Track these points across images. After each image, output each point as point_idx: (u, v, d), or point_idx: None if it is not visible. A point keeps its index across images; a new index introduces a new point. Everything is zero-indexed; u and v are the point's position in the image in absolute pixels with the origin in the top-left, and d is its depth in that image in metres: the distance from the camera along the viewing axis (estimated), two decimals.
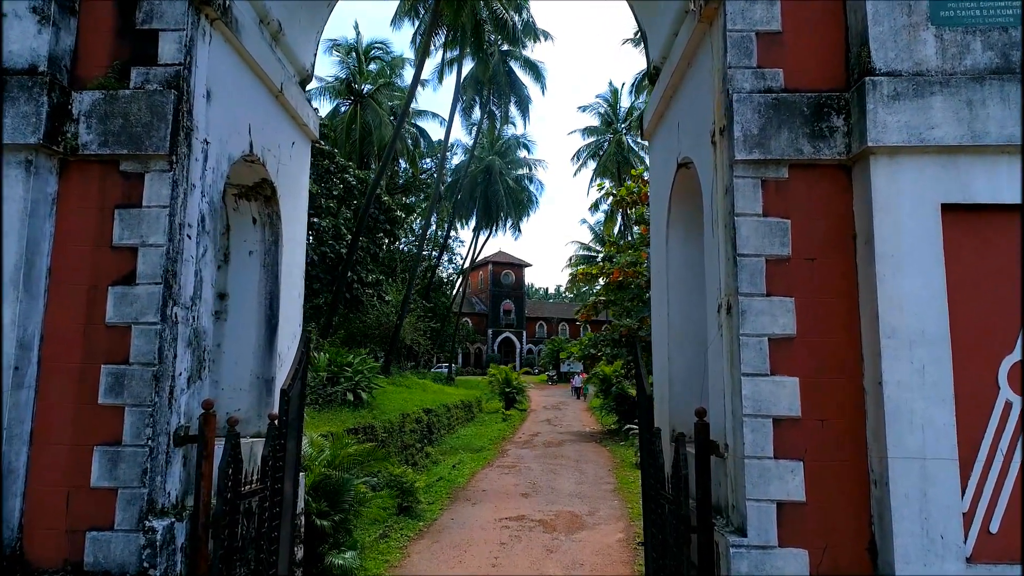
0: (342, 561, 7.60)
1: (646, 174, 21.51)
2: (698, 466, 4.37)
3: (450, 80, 46.93)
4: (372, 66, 41.59)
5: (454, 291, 50.84)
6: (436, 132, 58.51)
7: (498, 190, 50.74)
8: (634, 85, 46.33)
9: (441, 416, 22.74)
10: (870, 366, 4.14)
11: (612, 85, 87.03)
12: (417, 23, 33.16)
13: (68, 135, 4.46)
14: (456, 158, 53.40)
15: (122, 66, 4.59)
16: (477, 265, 63.74)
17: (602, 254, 32.03)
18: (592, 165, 51.79)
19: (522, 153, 56.52)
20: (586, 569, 9.00)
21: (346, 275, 26.11)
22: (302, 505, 6.60)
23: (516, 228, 54.96)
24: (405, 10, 32.39)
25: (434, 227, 48.06)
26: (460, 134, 78.06)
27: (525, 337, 72.65)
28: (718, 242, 4.62)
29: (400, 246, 41.65)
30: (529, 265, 74.50)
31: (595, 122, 52.89)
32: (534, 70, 41.92)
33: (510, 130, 53.79)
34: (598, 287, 26.11)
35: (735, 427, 4.27)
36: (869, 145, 4.12)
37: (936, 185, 4.12)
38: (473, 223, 52.32)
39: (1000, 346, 4.05)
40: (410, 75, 34.58)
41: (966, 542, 3.88)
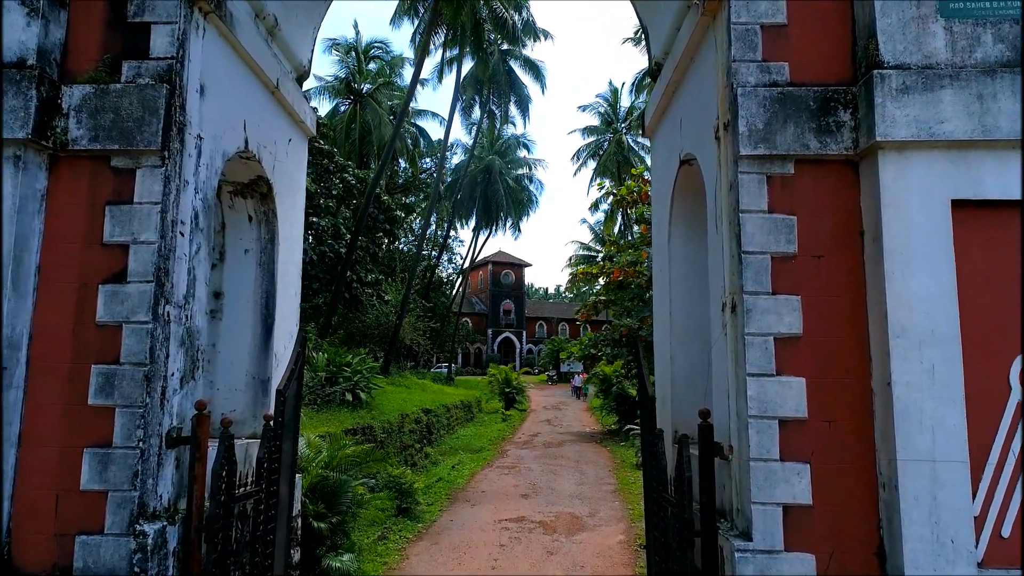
0: (339, 564, 7.52)
1: (646, 173, 21.44)
2: (702, 468, 4.28)
3: (450, 79, 46.83)
4: (372, 65, 41.50)
5: (454, 291, 50.74)
6: (436, 132, 58.59)
7: (498, 190, 50.63)
8: (634, 84, 46.28)
9: (440, 416, 22.64)
10: (878, 366, 4.04)
11: (612, 84, 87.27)
12: (416, 22, 33.03)
13: (58, 130, 4.36)
14: (456, 158, 53.38)
15: (113, 60, 4.49)
16: (477, 265, 63.67)
17: (602, 254, 31.92)
18: (592, 165, 51.71)
19: (522, 153, 56.49)
20: (587, 571, 8.91)
21: (345, 275, 26.03)
22: (298, 507, 6.50)
23: (516, 228, 54.93)
24: (404, 9, 32.28)
25: (434, 227, 47.98)
26: (460, 133, 78.19)
27: (525, 337, 72.58)
28: (722, 239, 4.53)
29: (400, 246, 41.58)
30: (529, 265, 74.48)
31: (595, 122, 52.79)
32: (534, 69, 41.79)
33: (510, 129, 53.76)
34: (598, 287, 26.02)
35: (740, 428, 4.18)
36: (877, 140, 4.02)
37: (946, 181, 4.02)
38: (473, 223, 52.26)
39: (1012, 345, 3.94)
40: (410, 74, 34.49)
41: (977, 546, 3.78)
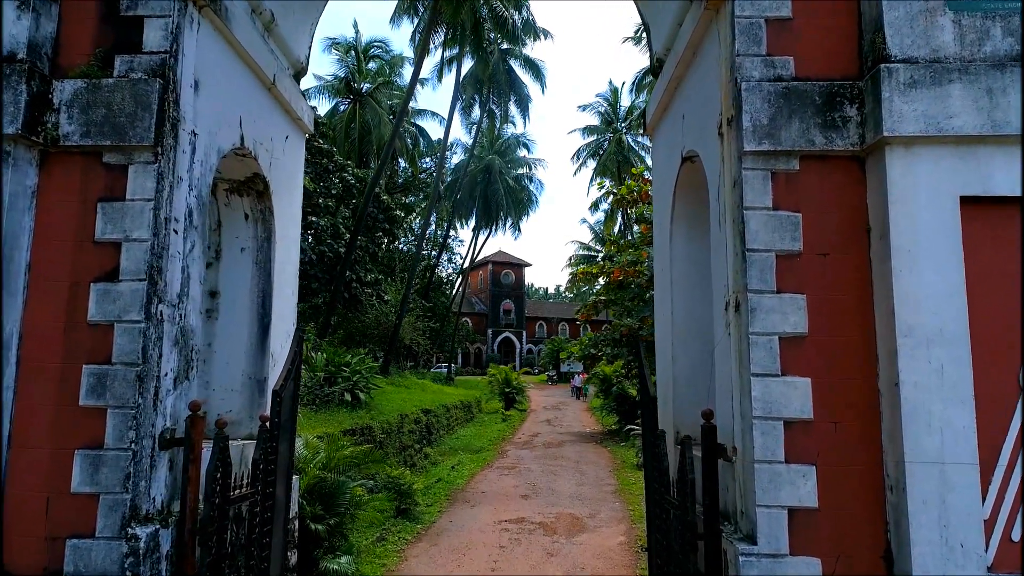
0: (337, 566, 7.44)
1: (647, 173, 21.35)
2: (705, 470, 4.20)
3: (449, 79, 46.66)
4: (371, 65, 41.43)
5: (454, 291, 50.66)
6: (436, 131, 58.54)
7: (498, 189, 50.54)
8: (634, 84, 46.19)
9: (440, 416, 22.56)
10: (885, 366, 3.96)
11: (612, 84, 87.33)
12: (416, 21, 32.92)
13: (48, 125, 4.28)
14: (456, 157, 53.25)
15: (105, 54, 4.40)
16: (477, 265, 63.58)
17: (602, 253, 31.86)
18: (592, 164, 51.64)
19: (522, 152, 56.39)
20: (587, 573, 8.84)
21: (345, 274, 25.95)
22: (295, 509, 6.42)
23: (516, 228, 54.84)
24: (404, 8, 32.18)
25: (433, 226, 47.85)
26: (460, 133, 78.15)
27: (525, 337, 72.49)
28: (726, 237, 4.45)
29: (399, 245, 41.50)
30: (529, 265, 74.39)
31: (595, 121, 52.72)
32: (534, 69, 41.68)
33: (510, 129, 53.66)
34: (598, 287, 25.93)
35: (744, 430, 4.10)
36: (885, 135, 3.94)
37: (954, 177, 3.94)
38: (473, 222, 52.17)
39: (1022, 345, 3.86)
40: (410, 74, 34.38)
41: (987, 550, 3.70)
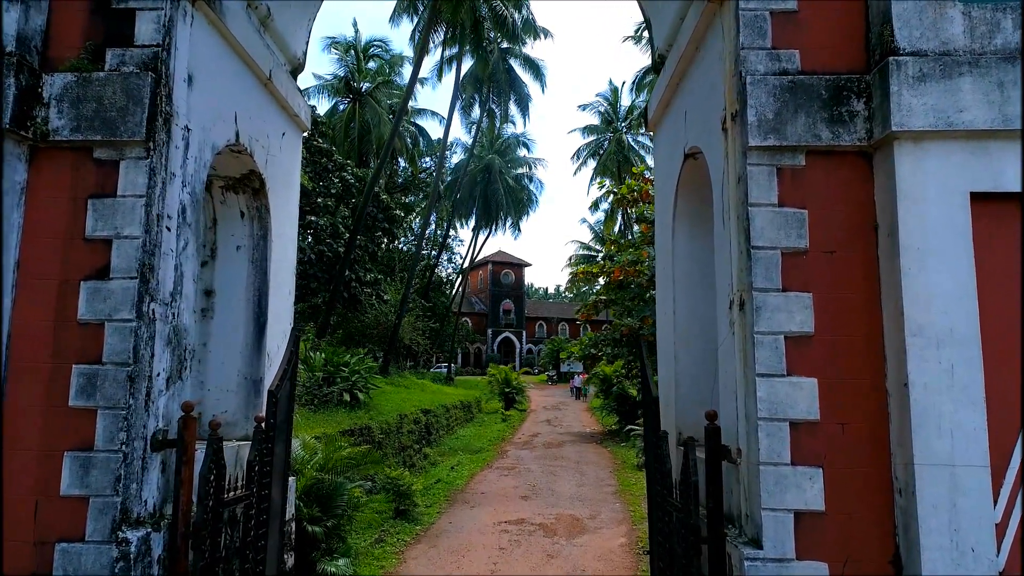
0: (335, 569, 7.35)
1: (647, 172, 21.26)
2: (709, 472, 4.10)
3: (449, 78, 46.40)
4: (371, 64, 41.31)
5: (453, 291, 50.55)
6: (435, 131, 58.43)
7: (498, 189, 50.43)
8: (635, 83, 46.07)
9: (440, 417, 22.47)
10: (894, 366, 3.87)
11: (612, 83, 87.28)
12: (416, 20, 32.80)
13: (38, 120, 4.18)
14: (455, 157, 53.13)
15: (96, 47, 4.31)
16: (477, 264, 63.48)
17: (602, 253, 31.76)
18: (592, 164, 51.55)
19: (522, 152, 56.27)
20: (588, 575, 8.74)
21: (344, 274, 25.85)
22: (292, 511, 6.33)
23: (516, 227, 54.74)
24: (403, 7, 32.08)
25: (433, 226, 47.75)
26: (459, 132, 77.99)
27: (525, 337, 72.38)
28: (730, 235, 4.35)
29: (399, 245, 41.40)
30: (529, 265, 74.27)
31: (595, 121, 52.61)
32: (534, 68, 41.55)
33: (510, 128, 53.53)
34: (598, 286, 25.85)
35: (749, 431, 4.00)
36: (893, 130, 3.85)
37: (965, 172, 3.85)
38: (472, 222, 52.04)
39: None
40: (409, 73, 34.25)
41: (999, 555, 3.60)
